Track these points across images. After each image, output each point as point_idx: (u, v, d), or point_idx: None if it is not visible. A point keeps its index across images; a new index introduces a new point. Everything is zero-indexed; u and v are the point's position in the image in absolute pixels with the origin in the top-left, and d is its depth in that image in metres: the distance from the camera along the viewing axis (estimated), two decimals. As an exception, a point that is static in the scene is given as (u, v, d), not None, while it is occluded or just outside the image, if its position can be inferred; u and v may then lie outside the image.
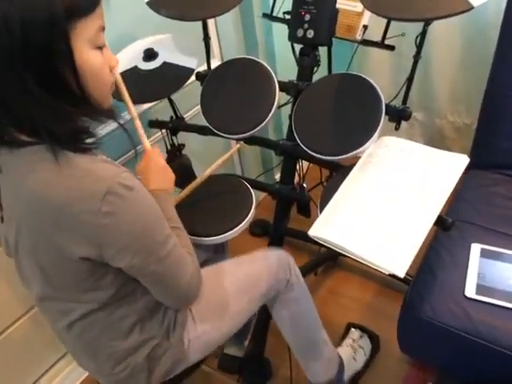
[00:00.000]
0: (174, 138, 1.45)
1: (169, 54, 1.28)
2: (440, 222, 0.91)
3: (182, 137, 1.46)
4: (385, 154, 1.01)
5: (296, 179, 1.31)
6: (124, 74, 1.26)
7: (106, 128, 1.22)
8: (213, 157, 1.15)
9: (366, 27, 1.34)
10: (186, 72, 1.25)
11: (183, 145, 1.49)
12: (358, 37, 1.37)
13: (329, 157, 1.07)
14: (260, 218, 1.90)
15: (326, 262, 1.78)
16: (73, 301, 0.80)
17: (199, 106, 1.25)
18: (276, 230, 1.33)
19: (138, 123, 1.00)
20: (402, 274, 0.79)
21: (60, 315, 0.84)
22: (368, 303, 1.63)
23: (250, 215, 1.16)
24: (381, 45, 1.27)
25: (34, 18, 0.62)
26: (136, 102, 1.21)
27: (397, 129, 1.10)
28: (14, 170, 0.71)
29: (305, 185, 1.28)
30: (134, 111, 1.01)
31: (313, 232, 0.95)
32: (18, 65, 0.62)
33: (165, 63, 1.27)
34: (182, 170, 1.50)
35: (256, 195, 1.21)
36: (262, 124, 1.16)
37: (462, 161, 0.96)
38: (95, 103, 0.73)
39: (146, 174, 0.95)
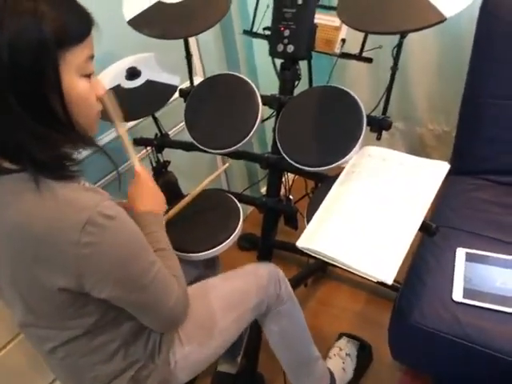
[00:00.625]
0: (159, 155, 1.45)
1: (152, 72, 1.29)
2: (425, 228, 0.93)
3: (168, 154, 1.46)
4: (367, 164, 1.03)
5: (282, 191, 1.32)
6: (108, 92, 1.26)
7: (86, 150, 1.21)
8: (199, 173, 1.16)
9: (344, 41, 1.37)
10: (170, 89, 1.26)
11: (168, 162, 1.49)
12: (337, 50, 1.40)
13: (313, 168, 1.09)
14: (248, 232, 1.91)
15: (315, 273, 1.79)
16: (55, 328, 0.79)
17: (183, 123, 1.26)
18: (264, 242, 1.34)
19: (127, 142, 0.99)
20: (389, 280, 0.80)
21: (42, 340, 0.83)
22: (359, 312, 1.64)
23: (237, 229, 1.16)
24: (359, 57, 1.30)
25: (22, 44, 0.62)
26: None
27: (378, 138, 1.13)
28: None
29: (291, 197, 1.30)
30: (123, 130, 1.00)
31: (301, 243, 0.96)
32: (4, 89, 0.63)
33: (148, 81, 1.28)
34: (168, 187, 1.50)
35: (243, 209, 1.22)
36: (247, 138, 1.17)
37: (442, 167, 0.98)
38: (80, 131, 0.73)
39: (137, 196, 0.95)
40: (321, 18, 1.39)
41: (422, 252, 1.22)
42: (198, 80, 1.73)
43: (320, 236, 0.94)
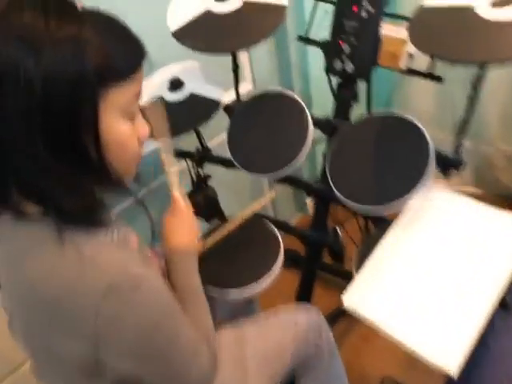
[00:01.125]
0: (199, 169, 1.37)
1: (195, 84, 1.20)
2: (501, 304, 0.78)
3: (209, 167, 1.37)
4: (432, 211, 0.89)
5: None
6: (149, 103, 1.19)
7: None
8: (241, 190, 1.06)
9: (411, 55, 1.21)
10: (213, 104, 1.16)
11: (209, 176, 1.40)
12: (403, 65, 1.25)
13: (366, 207, 0.95)
14: (290, 248, 1.79)
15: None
16: None
17: (225, 134, 1.17)
18: (305, 279, 1.22)
19: (169, 163, 0.91)
20: (454, 371, 0.66)
21: None
22: (406, 354, 1.48)
23: (275, 269, 1.05)
24: (428, 75, 1.15)
25: (59, 77, 0.53)
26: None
27: (446, 177, 0.97)
28: (14, 243, 0.63)
29: (339, 230, 1.17)
30: (171, 159, 0.92)
31: (348, 302, 0.83)
32: (32, 128, 0.54)
33: (191, 94, 1.18)
34: (208, 203, 1.42)
35: (288, 218, 1.07)
36: (292, 165, 1.05)
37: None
38: (115, 175, 0.64)
39: (173, 228, 0.85)
40: (386, 29, 1.24)
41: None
42: (246, 87, 1.64)
43: (369, 299, 0.81)
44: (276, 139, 1.09)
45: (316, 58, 1.20)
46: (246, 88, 1.63)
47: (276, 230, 1.13)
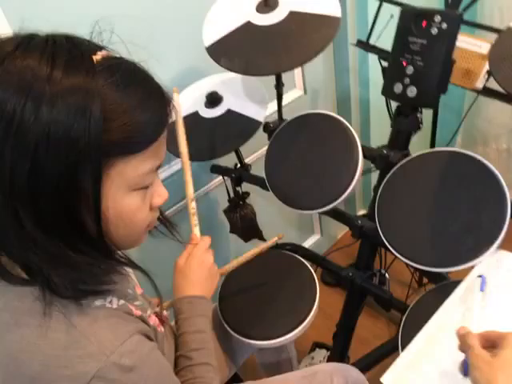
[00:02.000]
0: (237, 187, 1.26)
1: (234, 100, 1.08)
2: None
3: (248, 184, 1.26)
4: (504, 280, 0.72)
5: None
6: (184, 121, 1.09)
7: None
8: (281, 208, 0.95)
9: (490, 73, 1.02)
10: (252, 124, 1.04)
11: (247, 193, 1.29)
12: (479, 84, 1.05)
13: (418, 265, 0.80)
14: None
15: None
16: None
17: (265, 149, 1.05)
18: (343, 331, 1.08)
19: (192, 206, 0.84)
20: None
21: None
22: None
23: (310, 317, 0.93)
24: (508, 98, 0.96)
25: (56, 137, 0.44)
26: (197, 158, 1.05)
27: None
28: None
29: (387, 275, 1.02)
30: (190, 187, 0.85)
31: (386, 380, 0.71)
32: (18, 193, 0.45)
33: (229, 111, 1.07)
34: (245, 222, 1.31)
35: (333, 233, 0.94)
36: (336, 202, 0.91)
37: None
38: (117, 247, 0.56)
39: (187, 274, 0.77)
40: (463, 41, 1.05)
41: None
42: (296, 94, 1.50)
43: (408, 379, 0.68)
44: (319, 170, 0.95)
45: (379, 67, 1.04)
46: (296, 94, 1.49)
47: (312, 271, 1.01)
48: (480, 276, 0.73)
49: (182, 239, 0.73)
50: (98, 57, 0.48)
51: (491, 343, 0.57)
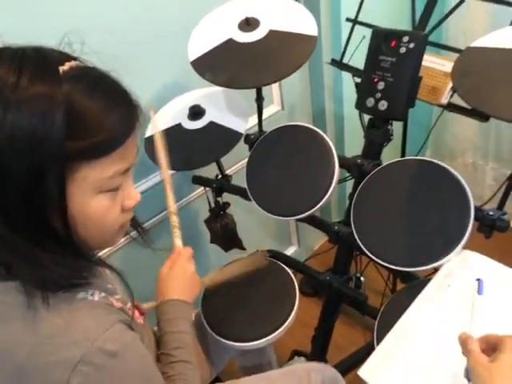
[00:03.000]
0: (218, 198, 1.30)
1: (216, 112, 1.12)
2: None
3: (228, 195, 1.30)
4: (469, 279, 0.78)
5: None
6: (167, 132, 1.13)
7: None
8: (261, 218, 0.99)
9: (454, 90, 1.10)
10: (234, 136, 1.09)
11: (228, 204, 1.33)
12: (444, 100, 1.13)
13: (391, 266, 0.86)
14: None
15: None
16: None
17: (245, 161, 1.09)
18: (320, 332, 1.13)
19: (173, 219, 0.88)
20: None
21: None
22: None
23: (291, 317, 0.97)
24: (472, 112, 1.03)
25: (22, 141, 0.47)
26: (179, 167, 1.08)
27: (487, 237, 0.86)
28: None
29: (362, 278, 1.07)
30: (171, 201, 0.89)
31: (364, 374, 0.75)
32: None
33: (211, 123, 1.11)
34: (226, 232, 1.35)
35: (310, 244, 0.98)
36: (314, 209, 0.96)
37: None
38: (89, 247, 0.58)
39: (170, 281, 0.81)
40: (428, 60, 1.13)
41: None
42: (274, 109, 1.56)
43: (387, 376, 0.72)
44: (298, 179, 1.00)
45: (352, 84, 1.11)
46: (274, 110, 1.55)
47: (293, 276, 1.05)
48: (478, 279, 0.74)
49: (154, 246, 0.76)
50: (65, 67, 0.51)
51: (491, 346, 0.58)
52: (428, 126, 1.79)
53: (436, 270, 0.86)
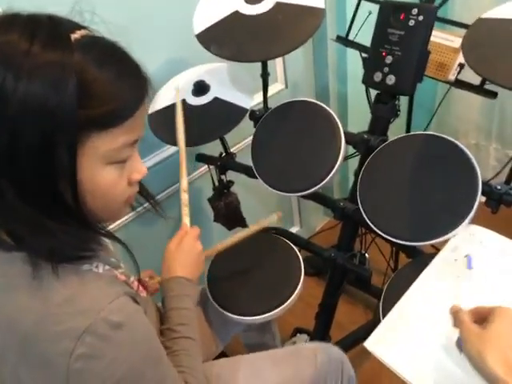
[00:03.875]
0: (222, 176, 1.30)
1: (221, 88, 1.11)
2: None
3: (232, 172, 1.30)
4: (476, 254, 0.78)
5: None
6: (172, 108, 1.11)
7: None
8: (265, 197, 0.99)
9: (462, 66, 1.09)
10: (239, 112, 1.08)
11: (232, 182, 1.33)
12: (452, 76, 1.12)
13: (398, 240, 0.86)
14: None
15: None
16: None
17: (251, 138, 1.09)
18: (326, 302, 1.14)
19: (184, 196, 0.89)
20: None
21: None
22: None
23: (295, 294, 0.97)
24: (479, 89, 1.03)
25: (34, 108, 0.47)
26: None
27: (494, 212, 0.86)
28: None
29: (367, 254, 1.07)
30: (184, 180, 0.90)
31: (369, 344, 0.75)
32: None
33: (216, 99, 1.10)
34: (229, 211, 1.35)
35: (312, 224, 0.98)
36: (320, 185, 0.96)
37: None
38: (97, 218, 0.58)
39: (176, 257, 0.81)
40: (437, 36, 1.12)
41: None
42: (277, 87, 1.55)
43: (393, 347, 0.73)
44: (304, 155, 1.00)
45: (356, 61, 1.10)
46: (277, 88, 1.54)
47: (298, 251, 1.05)
48: (466, 256, 0.76)
49: (165, 215, 0.76)
50: (76, 35, 0.50)
51: (482, 318, 0.59)
52: (431, 106, 1.77)
53: (436, 248, 0.86)
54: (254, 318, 0.95)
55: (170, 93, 1.13)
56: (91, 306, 0.53)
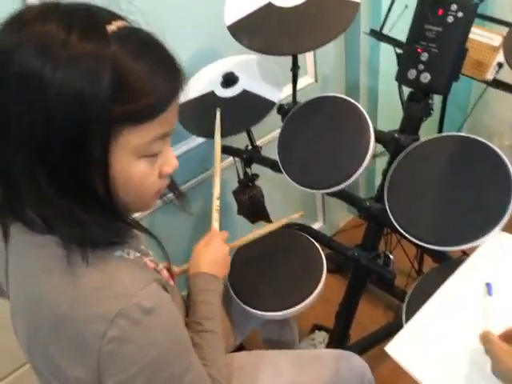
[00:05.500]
0: (247, 169, 1.29)
1: (250, 80, 1.10)
2: None
3: (257, 166, 1.29)
4: (506, 264, 0.75)
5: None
6: (200, 99, 1.12)
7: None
8: (289, 191, 0.98)
9: (500, 65, 1.05)
10: (267, 104, 1.07)
11: (257, 175, 1.32)
12: (489, 76, 1.08)
13: (424, 244, 0.84)
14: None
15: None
16: None
17: (277, 132, 1.07)
18: (347, 302, 1.12)
19: (216, 203, 0.93)
20: None
21: None
22: None
23: (316, 292, 0.97)
24: (517, 89, 0.99)
25: (70, 98, 0.47)
26: (211, 135, 1.08)
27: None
28: (25, 257, 0.59)
29: (391, 256, 1.05)
30: (217, 188, 0.95)
31: (390, 349, 0.74)
32: (32, 160, 0.49)
33: (244, 91, 1.09)
34: (253, 204, 1.34)
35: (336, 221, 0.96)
36: (347, 183, 0.94)
37: None
38: (127, 210, 0.59)
39: (203, 256, 0.83)
40: (475, 33, 1.07)
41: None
42: (306, 80, 1.52)
43: (414, 354, 0.71)
44: (331, 152, 0.98)
45: (389, 56, 1.07)
46: (307, 82, 1.52)
47: (321, 250, 1.04)
48: (487, 284, 0.74)
49: (190, 210, 0.76)
50: (112, 26, 0.50)
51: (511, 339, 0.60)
52: (465, 105, 1.72)
53: (465, 253, 0.83)
54: (274, 313, 0.95)
55: (199, 84, 1.13)
56: (124, 290, 0.54)
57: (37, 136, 0.48)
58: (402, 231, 0.86)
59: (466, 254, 0.81)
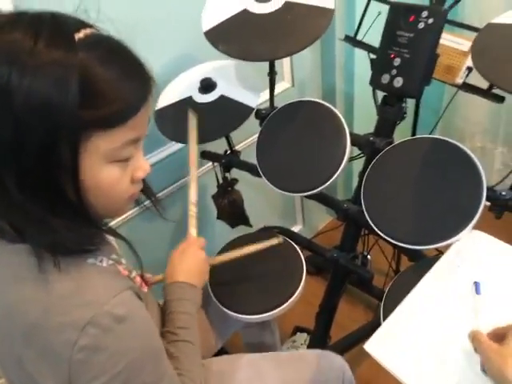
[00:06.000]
0: (226, 173, 1.30)
1: (228, 86, 1.11)
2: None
3: (236, 170, 1.30)
4: (479, 261, 0.78)
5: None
6: (178, 105, 1.12)
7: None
8: (268, 195, 0.99)
9: (470, 69, 1.09)
10: (245, 110, 1.08)
11: (236, 180, 1.33)
12: (459, 80, 1.12)
13: (401, 243, 0.86)
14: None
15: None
16: None
17: (256, 136, 1.09)
18: (327, 303, 1.14)
19: (192, 209, 0.92)
20: None
21: None
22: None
23: (296, 293, 0.98)
24: (486, 93, 1.02)
25: (37, 105, 0.47)
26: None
27: (498, 218, 0.86)
28: None
29: (369, 256, 1.07)
30: (193, 193, 0.93)
31: (369, 347, 0.76)
32: (0, 167, 0.49)
33: (222, 97, 1.10)
34: (233, 208, 1.35)
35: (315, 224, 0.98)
36: (325, 185, 0.96)
37: None
38: (100, 215, 0.59)
39: (179, 264, 0.82)
40: (446, 39, 1.11)
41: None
42: (283, 85, 1.54)
43: (393, 351, 0.73)
44: (309, 155, 1.00)
45: (364, 62, 1.10)
46: (284, 87, 1.54)
47: (301, 252, 1.05)
48: (475, 282, 0.75)
49: (167, 217, 0.76)
50: (80, 34, 0.51)
51: (501, 337, 0.60)
52: (437, 109, 1.77)
53: (439, 251, 0.86)
54: (254, 316, 0.96)
55: (177, 89, 1.13)
56: (95, 298, 0.53)
57: (5, 144, 0.48)
58: (378, 232, 0.88)
59: (440, 253, 0.83)
